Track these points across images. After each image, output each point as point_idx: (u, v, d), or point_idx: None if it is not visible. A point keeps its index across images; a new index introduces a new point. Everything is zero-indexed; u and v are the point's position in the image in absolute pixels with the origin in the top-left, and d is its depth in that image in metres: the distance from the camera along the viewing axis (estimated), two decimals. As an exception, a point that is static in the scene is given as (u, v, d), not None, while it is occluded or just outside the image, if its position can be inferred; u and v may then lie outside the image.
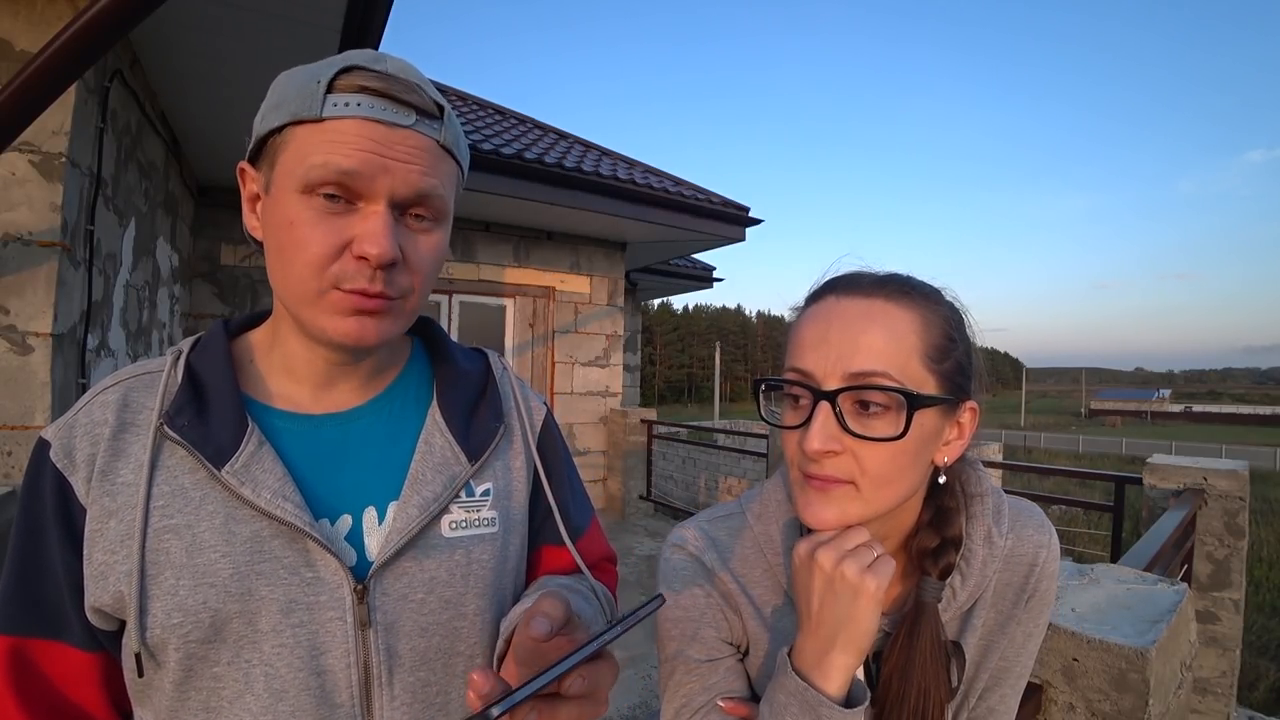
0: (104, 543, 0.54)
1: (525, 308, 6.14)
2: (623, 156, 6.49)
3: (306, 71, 0.55)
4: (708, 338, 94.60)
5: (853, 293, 0.60)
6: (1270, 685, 6.03)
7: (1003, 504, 0.66)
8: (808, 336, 0.60)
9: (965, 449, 0.63)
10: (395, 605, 0.58)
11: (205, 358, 0.60)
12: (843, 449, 0.56)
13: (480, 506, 0.65)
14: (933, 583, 0.62)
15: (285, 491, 0.55)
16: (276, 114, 0.54)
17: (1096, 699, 1.05)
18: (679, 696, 0.67)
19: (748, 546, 0.70)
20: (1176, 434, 53.32)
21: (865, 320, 0.58)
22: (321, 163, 0.52)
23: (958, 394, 0.59)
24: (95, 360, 2.38)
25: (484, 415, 0.68)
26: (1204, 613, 2.73)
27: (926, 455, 0.60)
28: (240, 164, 0.60)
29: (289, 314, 0.59)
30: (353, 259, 0.54)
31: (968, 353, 0.61)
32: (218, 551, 0.54)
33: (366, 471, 0.61)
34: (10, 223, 1.91)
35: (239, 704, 0.54)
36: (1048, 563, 0.66)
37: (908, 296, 0.59)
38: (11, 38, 1.95)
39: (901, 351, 0.57)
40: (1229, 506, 2.70)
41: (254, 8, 2.35)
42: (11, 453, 1.89)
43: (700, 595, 0.68)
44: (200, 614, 0.53)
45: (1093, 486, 8.74)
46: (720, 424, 13.79)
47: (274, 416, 0.60)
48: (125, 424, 0.57)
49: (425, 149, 0.56)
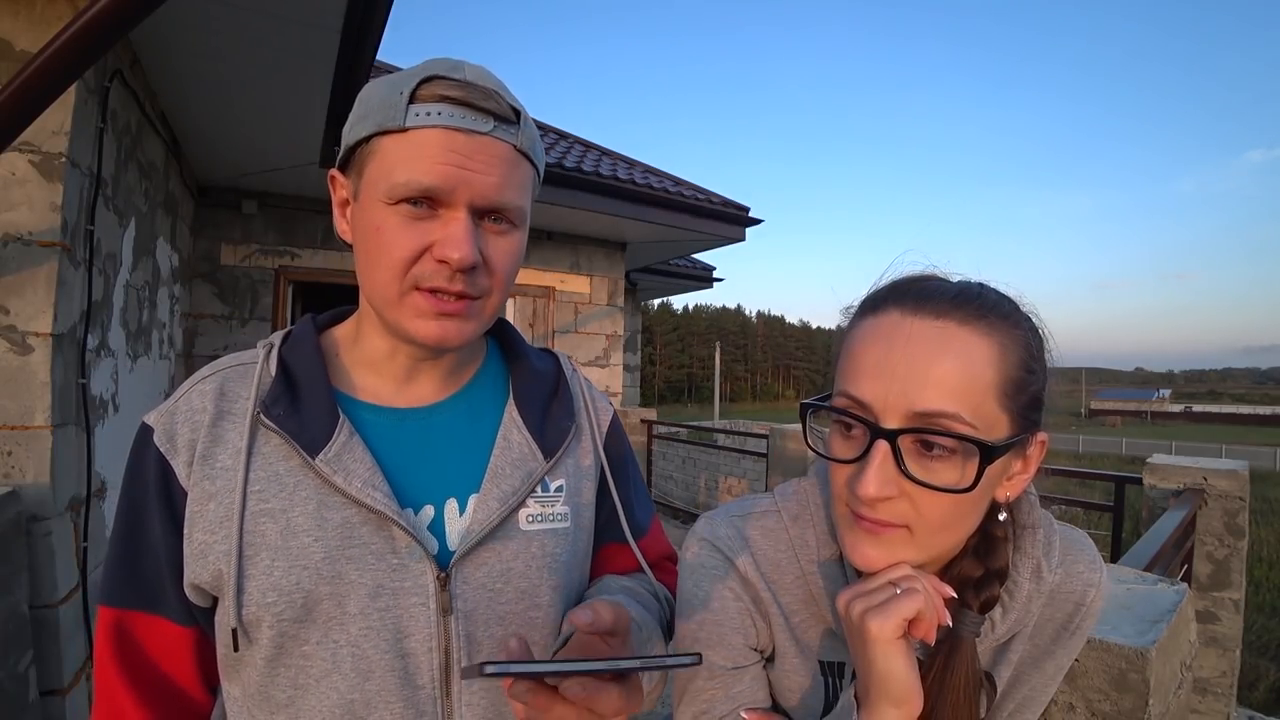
0: (204, 523, 0.57)
1: (525, 308, 6.14)
2: (623, 156, 6.49)
3: (390, 83, 0.57)
4: (708, 338, 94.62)
5: (922, 310, 0.52)
6: (1270, 685, 6.03)
7: (1054, 536, 0.60)
8: (867, 359, 0.52)
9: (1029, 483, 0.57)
10: (475, 594, 0.61)
11: (297, 351, 0.63)
12: (899, 493, 0.51)
13: (554, 501, 0.67)
14: (972, 617, 0.56)
15: (374, 481, 0.58)
16: (363, 125, 0.57)
17: (1096, 699, 1.05)
18: (699, 702, 0.64)
19: (781, 550, 0.64)
20: (1176, 434, 53.33)
21: (937, 349, 0.50)
22: (405, 180, 0.55)
23: (1030, 429, 0.53)
24: (95, 360, 2.38)
25: (557, 414, 0.70)
26: (1204, 613, 2.73)
27: (989, 496, 0.55)
28: (331, 171, 0.63)
29: (374, 313, 0.62)
30: (433, 261, 0.56)
31: (1044, 382, 0.55)
32: (310, 535, 0.57)
33: (448, 464, 0.64)
34: (10, 223, 1.91)
35: (326, 682, 0.57)
36: (1095, 602, 0.61)
37: (985, 319, 0.51)
38: (11, 38, 1.94)
39: (976, 390, 0.49)
40: (1229, 506, 2.70)
41: (254, 8, 2.35)
42: (11, 453, 1.89)
43: (730, 599, 0.64)
44: (294, 594, 0.56)
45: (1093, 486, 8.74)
46: (720, 424, 13.79)
47: (360, 409, 0.63)
48: (223, 412, 0.60)
49: (502, 156, 0.57)
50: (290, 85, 2.95)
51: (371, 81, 0.60)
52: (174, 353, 4.14)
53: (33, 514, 1.88)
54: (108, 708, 0.59)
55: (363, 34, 2.55)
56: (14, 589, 1.77)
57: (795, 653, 0.64)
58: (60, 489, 1.98)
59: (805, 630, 0.64)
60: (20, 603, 1.79)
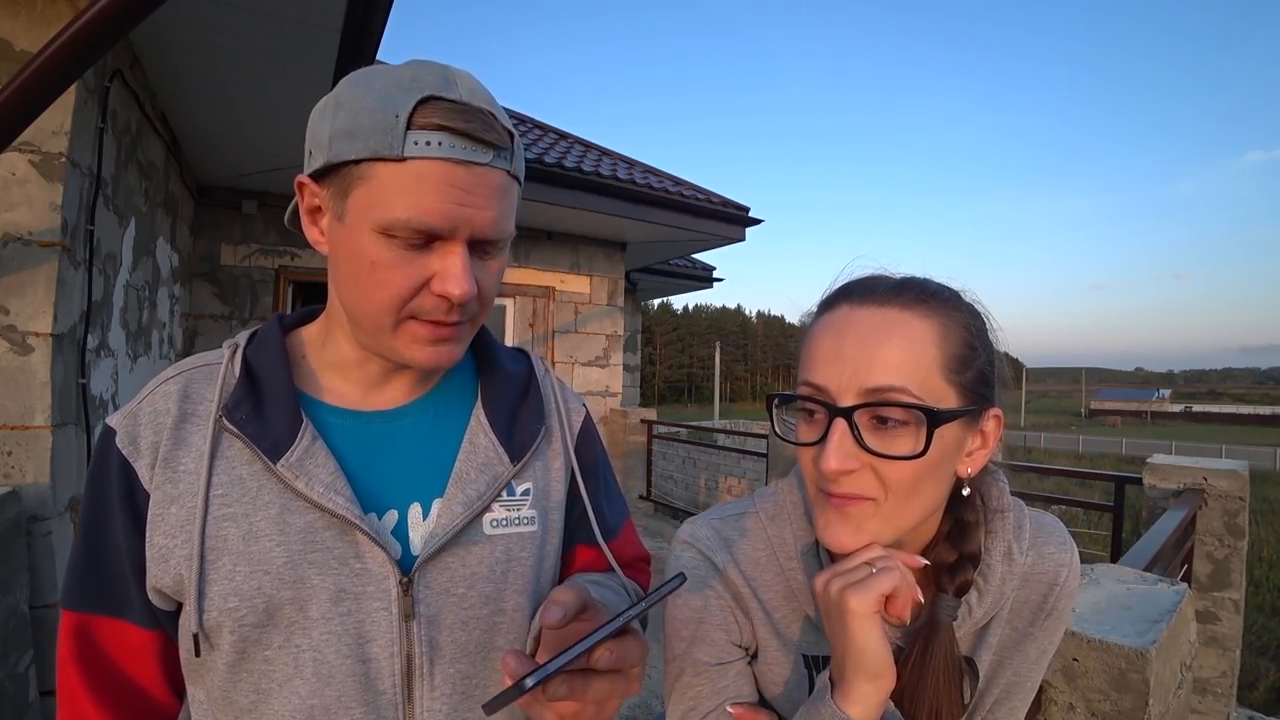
0: (165, 526, 0.56)
1: (525, 308, 6.13)
2: (623, 156, 6.49)
3: (380, 97, 0.54)
4: (708, 338, 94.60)
5: (867, 301, 0.58)
6: (1270, 685, 6.03)
7: (1024, 519, 0.64)
8: (821, 349, 0.58)
9: (990, 458, 0.61)
10: (438, 599, 0.60)
11: (261, 353, 0.63)
12: (861, 465, 0.55)
13: (520, 505, 0.67)
14: (948, 600, 0.60)
15: (337, 485, 0.58)
16: (350, 144, 0.54)
17: (1096, 699, 1.05)
18: (686, 699, 0.66)
19: (760, 548, 0.68)
20: (1176, 434, 53.32)
21: (881, 332, 0.55)
22: (405, 219, 0.53)
23: (980, 403, 0.58)
24: (95, 360, 2.38)
25: (526, 416, 0.70)
26: (1204, 613, 2.73)
27: (949, 467, 0.58)
28: (300, 178, 0.60)
29: (349, 325, 0.61)
30: (431, 295, 0.56)
31: (990, 360, 0.59)
32: (273, 540, 0.56)
33: (413, 468, 0.63)
34: (10, 223, 1.91)
35: (288, 686, 0.56)
36: (1068, 581, 0.64)
37: (925, 304, 0.57)
38: (11, 38, 1.94)
39: (921, 365, 0.55)
40: (1229, 506, 2.70)
41: (254, 8, 2.35)
42: (11, 453, 1.89)
43: (711, 595, 0.67)
44: (255, 599, 0.55)
45: (1093, 486, 8.75)
46: (720, 424, 13.79)
47: (325, 412, 0.62)
48: (186, 414, 0.59)
49: (499, 187, 0.56)
50: (290, 85, 2.96)
51: (352, 85, 0.56)
52: (174, 353, 4.14)
53: (33, 514, 1.88)
54: (70, 714, 0.58)
55: (363, 34, 2.56)
56: (14, 589, 1.77)
57: (778, 647, 0.66)
58: (60, 489, 1.98)
59: (787, 625, 0.66)
60: (20, 603, 1.79)
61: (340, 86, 0.57)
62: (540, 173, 5.07)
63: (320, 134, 0.56)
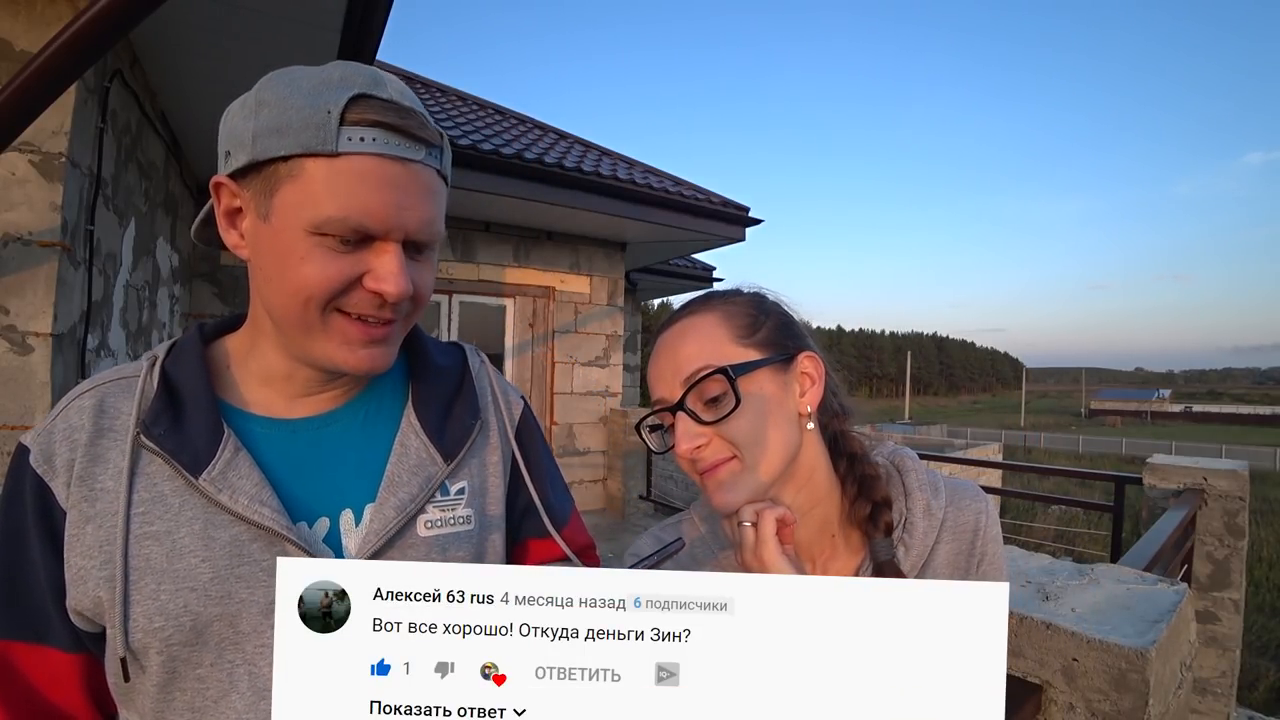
0: (80, 547, 0.54)
1: (525, 308, 6.13)
2: (623, 156, 6.49)
3: (308, 94, 0.53)
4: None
5: (672, 323, 0.70)
6: (1270, 685, 6.03)
7: (938, 480, 0.73)
8: (653, 373, 0.70)
9: (824, 392, 0.70)
10: None
11: (181, 364, 0.61)
12: (708, 438, 0.65)
13: (455, 505, 0.66)
14: (882, 541, 0.68)
15: (263, 496, 0.56)
16: (278, 140, 0.52)
17: (1096, 699, 1.05)
18: None
19: (697, 545, 0.76)
20: (1176, 434, 53.30)
21: (680, 337, 0.68)
22: (341, 217, 0.52)
23: (783, 352, 0.68)
24: (95, 360, 2.37)
25: (460, 413, 0.68)
26: (1204, 613, 2.73)
27: (786, 410, 0.67)
28: (217, 179, 0.58)
29: (284, 338, 0.59)
30: (363, 290, 0.55)
31: (781, 317, 0.70)
32: (197, 556, 0.55)
33: (343, 474, 0.62)
34: (10, 223, 1.91)
35: (224, 703, 0.55)
36: (988, 526, 0.72)
37: (706, 303, 0.70)
38: (11, 38, 1.94)
39: (713, 344, 0.66)
40: (1229, 506, 2.70)
41: (254, 8, 2.35)
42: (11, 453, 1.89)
43: None
44: (181, 618, 0.54)
45: (1093, 486, 8.75)
46: (720, 424, 13.74)
47: (250, 422, 0.61)
48: (102, 430, 0.57)
49: (431, 186, 0.56)
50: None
51: (275, 83, 0.55)
52: (174, 353, 4.13)
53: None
54: None
55: (363, 34, 2.56)
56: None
57: None
58: (60, 489, 1.98)
59: None
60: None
61: (260, 85, 0.56)
62: (540, 173, 5.07)
63: (242, 132, 0.55)
